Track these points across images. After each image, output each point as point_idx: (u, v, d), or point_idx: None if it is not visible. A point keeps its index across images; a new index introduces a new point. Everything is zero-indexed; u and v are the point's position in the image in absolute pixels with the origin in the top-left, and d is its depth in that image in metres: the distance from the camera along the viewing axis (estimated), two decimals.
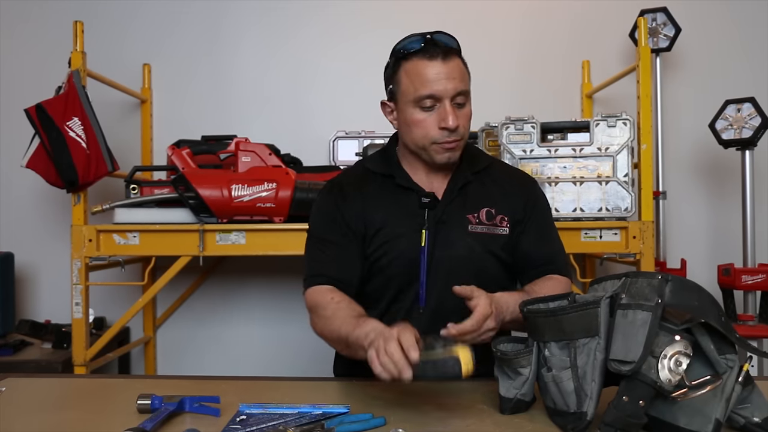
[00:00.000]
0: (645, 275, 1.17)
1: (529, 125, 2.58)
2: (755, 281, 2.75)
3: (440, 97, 1.54)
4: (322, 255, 1.63)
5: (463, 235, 1.61)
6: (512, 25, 3.33)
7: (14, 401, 1.43)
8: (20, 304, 3.26)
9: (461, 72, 1.57)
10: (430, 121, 1.56)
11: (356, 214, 1.63)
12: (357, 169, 1.77)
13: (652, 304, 1.10)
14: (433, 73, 1.53)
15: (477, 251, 1.61)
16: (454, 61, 1.56)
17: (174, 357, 3.41)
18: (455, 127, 1.54)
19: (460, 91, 1.55)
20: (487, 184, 1.68)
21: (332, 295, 1.54)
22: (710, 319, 1.09)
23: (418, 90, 1.54)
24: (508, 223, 1.64)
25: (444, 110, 1.54)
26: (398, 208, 1.63)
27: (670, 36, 3.07)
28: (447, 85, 1.53)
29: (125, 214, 2.61)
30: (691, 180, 3.32)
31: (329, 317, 1.48)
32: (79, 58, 2.58)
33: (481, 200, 1.65)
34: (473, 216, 1.63)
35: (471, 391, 1.41)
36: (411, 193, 1.64)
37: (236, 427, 1.19)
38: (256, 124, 3.29)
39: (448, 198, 1.63)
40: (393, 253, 1.61)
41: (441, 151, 1.58)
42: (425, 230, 1.59)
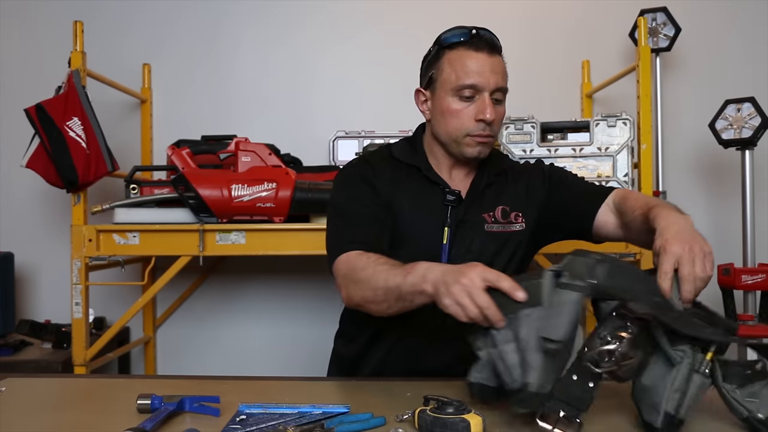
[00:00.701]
0: (585, 254, 1.17)
1: (529, 125, 2.58)
2: (755, 281, 2.75)
3: (481, 88, 1.54)
4: (350, 223, 1.57)
5: (479, 234, 1.61)
6: (512, 24, 3.33)
7: (14, 401, 1.43)
8: (20, 304, 3.26)
9: (503, 70, 1.59)
10: (466, 112, 1.55)
11: (386, 187, 1.61)
12: (382, 152, 1.73)
13: (583, 284, 1.11)
14: (478, 65, 1.54)
15: (490, 250, 1.60)
16: (497, 57, 1.58)
17: (174, 357, 3.41)
18: (492, 121, 1.54)
19: (500, 88, 1.56)
20: (503, 183, 1.68)
21: (367, 256, 1.45)
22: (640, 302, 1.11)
23: (460, 79, 1.54)
24: (523, 219, 1.64)
25: (483, 102, 1.54)
26: (423, 200, 1.61)
27: (670, 36, 3.07)
28: (489, 78, 1.53)
29: (125, 214, 2.61)
30: (691, 180, 3.32)
31: (370, 276, 1.39)
32: (79, 58, 2.58)
33: (497, 199, 1.65)
34: (489, 215, 1.63)
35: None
36: (436, 188, 1.63)
37: (236, 426, 1.19)
38: (256, 124, 3.29)
39: (471, 197, 1.63)
40: (413, 247, 1.58)
41: (473, 144, 1.57)
42: (447, 228, 1.58)
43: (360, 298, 1.43)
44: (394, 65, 3.17)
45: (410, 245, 1.58)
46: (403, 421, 1.22)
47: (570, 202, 1.65)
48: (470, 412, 1.14)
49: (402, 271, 1.32)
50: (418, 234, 1.60)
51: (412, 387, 1.45)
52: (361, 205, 1.58)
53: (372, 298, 1.40)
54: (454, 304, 1.18)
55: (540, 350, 1.10)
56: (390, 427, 1.18)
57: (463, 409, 1.14)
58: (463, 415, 1.13)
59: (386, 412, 1.25)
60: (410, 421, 1.21)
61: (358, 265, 1.44)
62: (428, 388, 1.33)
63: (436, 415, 1.14)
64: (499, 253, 1.61)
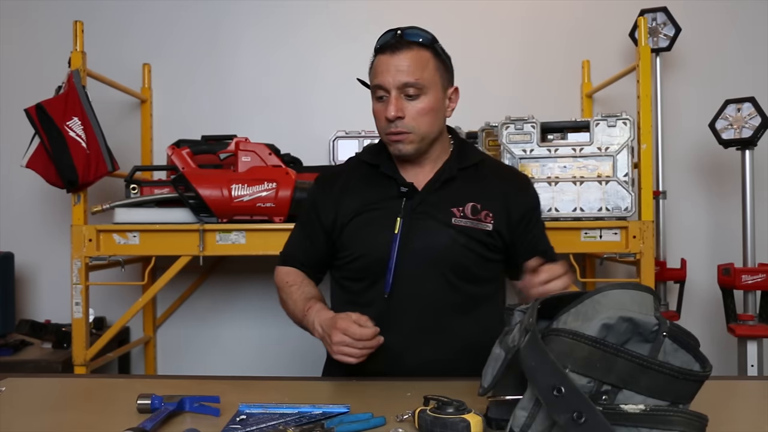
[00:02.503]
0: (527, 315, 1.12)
1: (529, 125, 2.58)
2: (755, 281, 2.75)
3: (386, 88, 1.60)
4: (294, 239, 1.83)
5: (446, 227, 1.64)
6: (512, 25, 3.33)
7: (14, 401, 1.43)
8: (20, 304, 3.26)
9: (413, 64, 1.59)
10: (381, 110, 1.63)
11: (331, 206, 1.72)
12: (353, 159, 1.86)
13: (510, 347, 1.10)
14: (382, 66, 1.61)
15: (459, 243, 1.63)
16: (408, 53, 1.59)
17: (174, 357, 3.41)
18: (394, 118, 1.59)
19: (406, 83, 1.58)
20: (477, 180, 1.71)
21: (287, 278, 1.74)
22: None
23: (372, 82, 1.65)
24: (493, 219, 1.66)
25: (388, 100, 1.60)
26: (377, 195, 1.69)
27: (670, 36, 3.07)
28: (391, 77, 1.58)
29: (125, 213, 2.62)
30: (691, 180, 3.32)
31: (285, 300, 1.71)
32: (79, 58, 2.58)
33: (467, 195, 1.67)
34: (458, 209, 1.65)
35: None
36: (392, 182, 1.69)
37: (236, 426, 1.19)
38: (256, 124, 3.29)
39: (428, 189, 1.67)
40: (365, 242, 1.66)
41: (390, 143, 1.65)
42: (400, 218, 1.62)
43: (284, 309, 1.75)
44: None
45: (367, 239, 1.67)
46: (403, 421, 1.22)
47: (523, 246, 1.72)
48: (470, 412, 1.14)
49: (302, 308, 1.62)
50: (372, 226, 1.66)
51: (412, 387, 1.45)
52: (306, 228, 1.78)
53: (289, 314, 1.72)
54: (340, 356, 1.45)
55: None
56: (390, 427, 1.18)
57: (463, 409, 1.14)
58: (463, 415, 1.13)
59: (386, 412, 1.25)
60: (410, 421, 1.21)
61: (280, 284, 1.76)
62: (428, 388, 1.33)
63: (436, 415, 1.14)
64: (468, 248, 1.64)
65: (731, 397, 1.48)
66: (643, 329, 0.98)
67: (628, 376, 0.96)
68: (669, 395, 0.97)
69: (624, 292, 1.04)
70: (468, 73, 3.38)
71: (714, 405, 1.16)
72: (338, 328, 1.45)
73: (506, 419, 1.08)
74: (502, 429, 1.10)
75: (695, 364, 1.00)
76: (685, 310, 3.03)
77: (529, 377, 1.00)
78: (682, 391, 0.98)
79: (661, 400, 0.97)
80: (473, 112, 3.09)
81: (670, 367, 0.96)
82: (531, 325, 1.03)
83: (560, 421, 0.94)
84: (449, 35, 3.29)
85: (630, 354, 0.96)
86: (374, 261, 1.64)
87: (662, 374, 0.96)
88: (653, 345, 0.99)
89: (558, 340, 1.00)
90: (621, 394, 0.97)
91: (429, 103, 1.62)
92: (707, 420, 0.99)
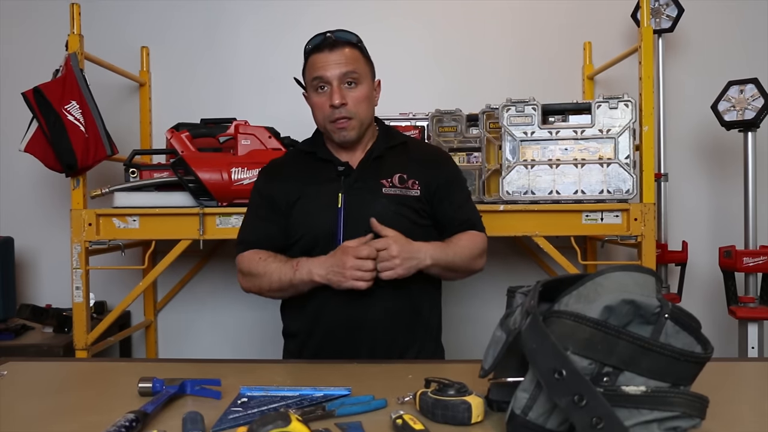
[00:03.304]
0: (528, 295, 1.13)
1: (530, 107, 2.56)
2: (756, 263, 2.75)
3: (327, 79, 1.79)
4: (248, 226, 1.92)
5: (378, 197, 1.81)
6: (513, 6, 3.31)
7: (16, 385, 1.43)
8: (21, 289, 3.26)
9: (348, 58, 1.80)
10: (323, 101, 1.81)
11: (277, 190, 1.87)
12: (291, 151, 2.11)
13: (511, 329, 1.10)
14: (321, 61, 1.80)
15: (391, 210, 1.79)
16: (342, 50, 1.80)
17: (175, 340, 3.42)
18: (340, 104, 1.77)
19: (345, 72, 1.78)
20: (402, 156, 1.90)
21: (256, 256, 1.81)
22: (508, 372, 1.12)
23: (311, 75, 1.82)
24: (419, 186, 1.84)
25: (331, 90, 1.78)
26: (317, 178, 1.86)
27: (672, 17, 3.04)
28: (332, 69, 1.78)
29: (125, 197, 2.61)
30: (693, 162, 3.31)
31: (263, 274, 1.77)
32: (77, 41, 2.56)
33: (394, 168, 1.86)
34: (387, 180, 1.83)
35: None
36: (329, 165, 1.86)
37: (237, 409, 1.19)
38: (255, 107, 3.28)
39: (362, 167, 1.85)
40: (313, 217, 1.81)
41: (335, 131, 1.82)
42: (341, 194, 1.79)
43: (257, 289, 1.82)
44: (394, 49, 3.15)
45: (313, 216, 1.82)
46: (404, 404, 1.22)
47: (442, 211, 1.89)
48: (471, 394, 1.14)
49: (290, 269, 1.72)
50: (316, 205, 1.82)
51: (413, 369, 1.45)
52: (258, 212, 1.91)
53: (268, 288, 1.79)
54: (354, 281, 1.62)
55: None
56: (391, 409, 1.18)
57: (464, 391, 1.14)
58: (464, 397, 1.13)
59: (387, 394, 1.25)
60: (411, 403, 1.21)
61: (253, 264, 1.81)
62: (429, 371, 1.33)
63: (438, 397, 1.14)
64: (399, 214, 1.80)
65: (732, 379, 1.48)
66: (645, 311, 0.98)
67: (630, 358, 0.96)
68: (670, 377, 0.97)
69: (626, 275, 1.04)
70: (469, 55, 3.38)
71: (715, 386, 1.17)
72: (349, 253, 1.64)
73: (507, 401, 1.08)
74: (503, 411, 1.10)
75: (697, 346, 0.99)
76: (686, 293, 3.03)
77: (530, 359, 1.00)
78: (683, 373, 0.98)
79: (663, 382, 0.97)
80: (474, 95, 3.10)
81: (671, 349, 0.96)
82: (532, 307, 1.02)
83: (561, 403, 0.94)
84: (451, 18, 3.31)
85: (631, 336, 0.96)
86: (322, 234, 1.79)
87: (664, 356, 0.96)
88: (655, 327, 0.98)
89: (559, 323, 1.00)
90: (622, 375, 0.97)
91: (365, 91, 1.83)
92: (708, 401, 0.99)
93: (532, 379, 1.02)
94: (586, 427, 0.92)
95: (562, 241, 2.65)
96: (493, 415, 1.16)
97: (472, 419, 1.12)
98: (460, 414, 1.12)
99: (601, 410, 0.92)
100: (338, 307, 1.75)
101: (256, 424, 0.93)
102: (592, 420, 0.92)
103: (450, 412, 1.12)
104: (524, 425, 1.03)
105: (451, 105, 2.84)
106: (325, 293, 1.73)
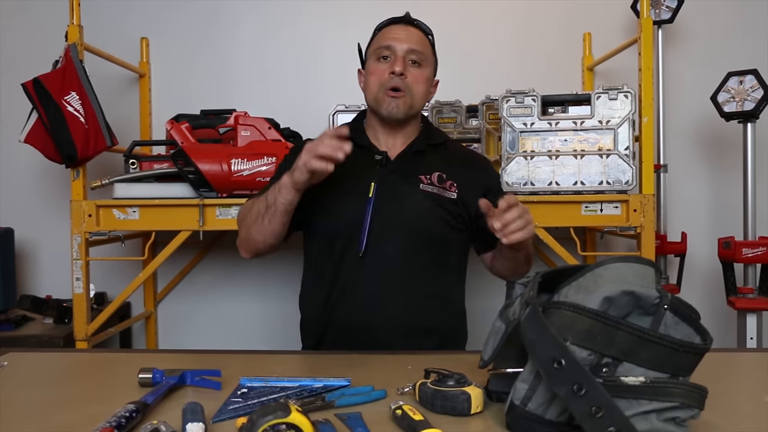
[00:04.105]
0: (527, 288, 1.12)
1: (529, 98, 2.56)
2: (755, 254, 2.75)
3: (394, 49, 1.76)
4: (268, 188, 1.78)
5: (414, 192, 1.76)
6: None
7: (16, 376, 1.44)
8: (21, 280, 3.27)
9: (420, 40, 1.79)
10: (383, 68, 1.77)
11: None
12: None
13: (511, 320, 1.10)
14: (393, 32, 1.79)
15: (426, 206, 1.75)
16: (417, 32, 1.80)
17: (175, 331, 3.43)
18: (400, 73, 1.73)
19: (415, 50, 1.76)
20: (443, 155, 1.86)
21: (255, 199, 1.76)
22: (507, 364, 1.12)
23: (378, 44, 1.80)
24: (456, 189, 1.80)
25: (395, 58, 1.76)
26: (353, 164, 1.70)
27: (672, 7, 3.04)
28: (402, 43, 1.76)
29: (125, 189, 2.61)
30: (693, 153, 3.31)
31: (249, 210, 1.74)
32: (76, 31, 2.56)
33: (434, 166, 1.81)
34: (425, 177, 1.79)
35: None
36: (367, 152, 1.80)
37: (237, 400, 1.19)
38: (255, 98, 3.27)
39: (401, 158, 1.81)
40: (340, 204, 1.76)
41: (386, 99, 1.76)
42: (374, 183, 1.74)
43: (247, 233, 1.75)
44: None
45: (343, 201, 1.76)
46: (404, 394, 1.23)
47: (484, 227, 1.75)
48: (471, 385, 1.14)
49: (274, 189, 1.64)
50: (348, 191, 1.75)
51: (412, 360, 1.46)
52: (282, 173, 1.75)
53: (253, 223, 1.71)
54: (312, 161, 1.52)
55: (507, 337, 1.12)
56: (391, 400, 1.19)
57: (463, 381, 1.15)
58: (463, 387, 1.13)
59: (387, 385, 1.26)
60: (411, 393, 1.22)
61: (244, 208, 1.79)
62: (429, 361, 1.34)
63: (437, 387, 1.15)
64: (433, 211, 1.76)
65: (731, 370, 1.48)
66: (644, 302, 0.98)
67: (629, 348, 0.96)
68: (669, 368, 0.97)
69: (625, 266, 1.04)
70: (468, 45, 3.37)
71: (713, 377, 1.17)
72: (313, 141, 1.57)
73: (507, 392, 1.08)
74: (503, 402, 1.11)
75: (696, 337, 1.00)
76: (685, 284, 3.03)
77: (529, 350, 1.00)
78: (682, 364, 0.98)
79: (662, 373, 0.97)
80: (474, 85, 3.09)
81: (670, 340, 0.96)
82: (531, 298, 1.03)
83: (560, 393, 0.95)
84: (450, 7, 3.29)
85: (631, 327, 0.96)
86: (349, 222, 1.74)
87: (663, 347, 0.96)
88: (654, 318, 0.99)
89: (559, 313, 1.00)
90: (621, 366, 0.97)
91: (426, 74, 1.80)
92: (707, 392, 0.99)
93: (532, 369, 1.03)
94: (585, 416, 0.93)
95: (561, 232, 2.66)
96: (493, 405, 1.16)
97: (472, 410, 1.12)
98: (459, 405, 1.12)
99: (601, 399, 0.92)
100: (355, 305, 1.74)
101: (255, 414, 0.93)
102: (592, 409, 0.92)
103: (449, 403, 1.13)
104: (523, 416, 1.03)
105: (450, 96, 2.85)
106: (343, 289, 1.73)
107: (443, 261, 1.81)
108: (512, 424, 1.05)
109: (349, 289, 1.75)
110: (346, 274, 1.75)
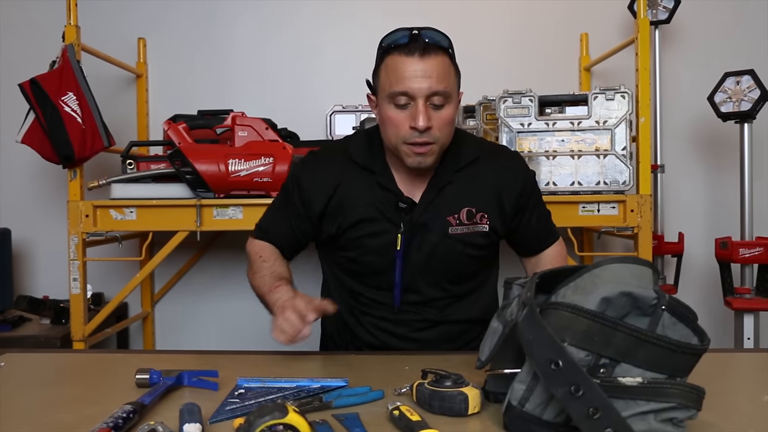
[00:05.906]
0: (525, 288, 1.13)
1: (527, 98, 2.56)
2: (752, 254, 2.75)
3: (413, 95, 1.48)
4: (274, 215, 1.74)
5: (444, 238, 1.61)
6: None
7: (13, 376, 1.43)
8: (18, 280, 3.26)
9: (441, 71, 1.49)
10: (402, 118, 1.51)
11: (324, 197, 1.64)
12: (337, 150, 1.72)
13: (508, 320, 1.11)
14: (409, 70, 1.47)
15: (456, 251, 1.63)
16: (435, 58, 1.49)
17: (172, 332, 3.42)
18: (425, 129, 1.48)
19: (436, 92, 1.48)
20: (471, 179, 1.65)
21: (262, 253, 1.68)
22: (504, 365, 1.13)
23: (392, 86, 1.49)
24: (488, 220, 1.64)
25: (416, 109, 1.48)
26: (376, 206, 1.62)
27: (669, 8, 3.04)
28: (421, 83, 1.47)
29: (122, 189, 2.61)
30: (690, 153, 3.32)
31: (254, 272, 1.66)
32: (73, 32, 2.55)
33: (462, 200, 1.63)
34: (453, 218, 1.62)
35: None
36: (390, 194, 1.62)
37: (235, 400, 1.19)
38: (252, 99, 3.27)
39: (426, 201, 1.61)
40: (367, 254, 1.64)
41: (411, 155, 1.53)
42: (401, 234, 1.59)
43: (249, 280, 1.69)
44: None
45: (367, 253, 1.64)
46: (401, 395, 1.23)
47: (523, 233, 1.74)
48: (468, 385, 1.14)
49: (270, 286, 1.55)
50: (372, 241, 1.63)
51: (410, 360, 1.46)
52: (287, 207, 1.70)
53: (251, 284, 1.67)
54: (276, 333, 1.39)
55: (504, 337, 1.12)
56: (388, 400, 1.19)
57: (461, 382, 1.15)
58: (460, 388, 1.13)
59: (384, 385, 1.26)
60: (408, 394, 1.22)
61: (256, 257, 1.69)
62: (426, 362, 1.34)
63: (434, 388, 1.15)
64: (465, 254, 1.64)
65: (728, 370, 1.48)
66: (642, 303, 0.98)
67: (626, 349, 0.96)
68: (667, 368, 0.97)
69: (623, 266, 1.04)
70: (465, 45, 3.35)
71: (711, 377, 1.17)
72: (290, 305, 1.40)
73: (504, 392, 1.08)
74: (500, 402, 1.11)
75: (693, 338, 1.00)
76: (682, 284, 3.04)
77: (526, 351, 1.00)
78: (680, 364, 0.98)
79: (659, 373, 0.97)
80: (470, 86, 3.05)
81: (668, 341, 0.96)
82: (529, 298, 1.03)
83: (557, 394, 0.95)
84: (448, 7, 3.29)
85: (628, 327, 0.96)
86: (379, 272, 1.65)
87: (660, 347, 0.96)
88: (652, 318, 0.99)
89: (556, 314, 1.00)
90: (619, 367, 0.97)
91: (452, 112, 1.54)
92: (704, 392, 0.99)
93: (529, 370, 1.03)
94: (582, 417, 0.93)
95: (558, 232, 2.65)
96: (490, 406, 1.16)
97: (469, 410, 1.12)
98: (456, 405, 1.12)
99: (598, 401, 0.92)
100: (383, 335, 1.71)
101: (253, 415, 0.93)
102: (589, 410, 0.92)
103: (447, 404, 1.13)
104: (521, 416, 1.03)
105: None
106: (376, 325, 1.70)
107: (477, 285, 1.74)
108: (509, 424, 1.05)
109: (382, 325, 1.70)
110: (379, 313, 1.70)
